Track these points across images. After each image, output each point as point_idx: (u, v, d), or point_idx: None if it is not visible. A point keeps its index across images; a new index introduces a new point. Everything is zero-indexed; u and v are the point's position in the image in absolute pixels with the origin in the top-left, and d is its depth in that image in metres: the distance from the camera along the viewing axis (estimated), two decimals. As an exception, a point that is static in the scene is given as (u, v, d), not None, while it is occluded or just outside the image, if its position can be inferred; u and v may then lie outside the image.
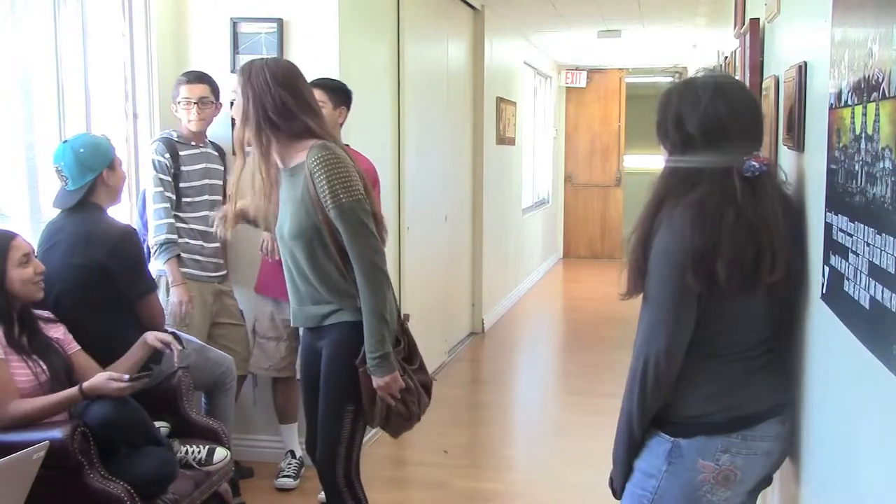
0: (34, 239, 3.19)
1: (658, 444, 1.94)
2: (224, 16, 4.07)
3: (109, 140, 3.25)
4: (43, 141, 3.45)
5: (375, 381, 2.59)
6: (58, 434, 2.52)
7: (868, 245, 1.34)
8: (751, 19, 3.04)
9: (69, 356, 2.86)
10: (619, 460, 2.03)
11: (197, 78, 3.75)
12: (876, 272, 1.29)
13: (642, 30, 8.59)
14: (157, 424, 2.96)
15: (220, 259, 3.89)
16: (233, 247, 4.09)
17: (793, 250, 1.87)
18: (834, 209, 1.60)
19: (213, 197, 3.80)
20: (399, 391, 2.63)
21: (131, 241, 3.14)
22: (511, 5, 7.28)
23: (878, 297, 1.28)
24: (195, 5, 4.12)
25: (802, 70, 1.99)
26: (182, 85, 3.72)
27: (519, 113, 8.86)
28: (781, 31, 2.53)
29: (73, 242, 3.03)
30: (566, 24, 8.23)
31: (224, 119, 3.97)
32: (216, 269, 3.84)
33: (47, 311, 2.92)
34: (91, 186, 3.07)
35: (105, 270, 3.02)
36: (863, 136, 1.37)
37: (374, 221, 2.61)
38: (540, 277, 10.36)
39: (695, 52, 9.76)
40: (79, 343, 2.91)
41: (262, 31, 4.03)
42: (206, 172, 3.79)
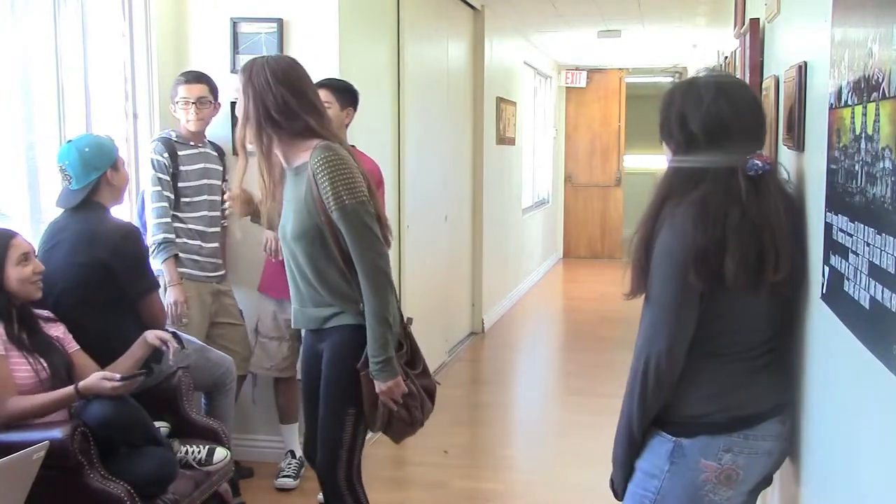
0: (34, 239, 3.19)
1: (660, 444, 1.93)
2: (224, 16, 4.07)
3: (113, 141, 3.27)
4: (43, 141, 3.46)
5: (378, 386, 2.56)
6: (58, 434, 2.51)
7: (868, 245, 1.34)
8: (751, 19, 3.04)
9: (69, 355, 2.86)
10: (619, 461, 2.02)
11: (195, 78, 3.75)
12: (876, 272, 1.29)
13: (642, 30, 8.59)
14: (157, 424, 2.96)
15: (219, 259, 3.89)
16: (233, 247, 4.09)
17: (795, 249, 1.88)
18: (834, 209, 1.60)
19: (211, 197, 3.80)
20: (401, 396, 2.60)
21: (135, 239, 3.15)
22: (511, 5, 7.28)
23: (878, 297, 1.28)
24: (195, 5, 4.12)
25: (802, 70, 1.99)
26: (180, 85, 3.73)
27: (519, 113, 8.86)
28: (781, 31, 2.53)
29: (77, 241, 3.03)
30: (566, 24, 8.23)
31: (223, 119, 3.98)
32: (214, 269, 3.84)
33: (48, 310, 2.92)
34: (95, 186, 3.09)
35: (108, 269, 3.02)
36: (863, 136, 1.37)
37: (378, 223, 2.58)
38: (540, 277, 10.36)
39: (695, 52, 9.76)
40: (80, 342, 2.91)
41: (262, 31, 4.03)
42: (205, 172, 3.79)
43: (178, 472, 2.88)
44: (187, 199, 3.72)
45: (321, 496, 3.75)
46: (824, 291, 1.68)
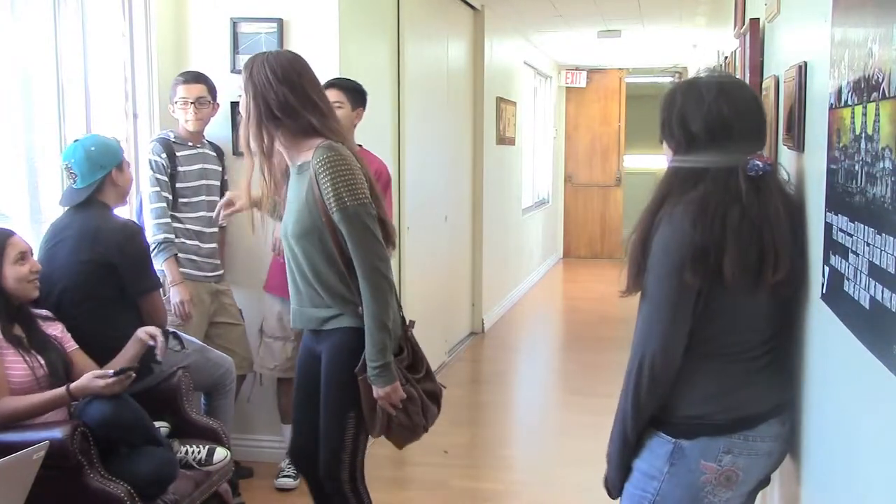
0: (34, 239, 3.19)
1: (659, 446, 1.93)
2: (224, 16, 4.07)
3: (119, 142, 3.30)
4: (43, 141, 3.46)
5: (376, 391, 2.54)
6: (58, 434, 2.51)
7: (868, 245, 1.34)
8: (751, 19, 3.04)
9: (67, 354, 2.86)
10: (612, 459, 2.02)
11: (194, 78, 3.76)
12: (876, 272, 1.29)
13: (642, 30, 8.59)
14: (157, 424, 2.96)
15: (217, 259, 3.89)
16: (236, 246, 4.10)
17: (795, 250, 1.87)
18: (834, 209, 1.60)
19: (209, 197, 3.80)
20: (400, 401, 2.58)
21: (138, 237, 3.18)
22: (511, 5, 7.28)
23: (878, 297, 1.28)
24: (195, 5, 4.12)
25: (802, 70, 1.98)
26: (179, 85, 3.73)
27: (519, 113, 8.86)
28: (781, 31, 2.53)
29: (81, 239, 3.04)
30: (566, 24, 8.23)
31: (222, 119, 3.98)
32: (212, 270, 3.85)
33: (49, 308, 2.93)
34: (99, 185, 3.10)
35: (111, 267, 3.03)
36: (863, 136, 1.37)
37: (381, 226, 2.55)
38: (540, 277, 10.36)
39: (695, 52, 9.76)
40: (80, 340, 2.92)
41: (262, 31, 4.03)
42: (204, 173, 3.79)
43: (178, 472, 2.88)
44: (185, 200, 3.72)
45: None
46: (824, 291, 1.68)
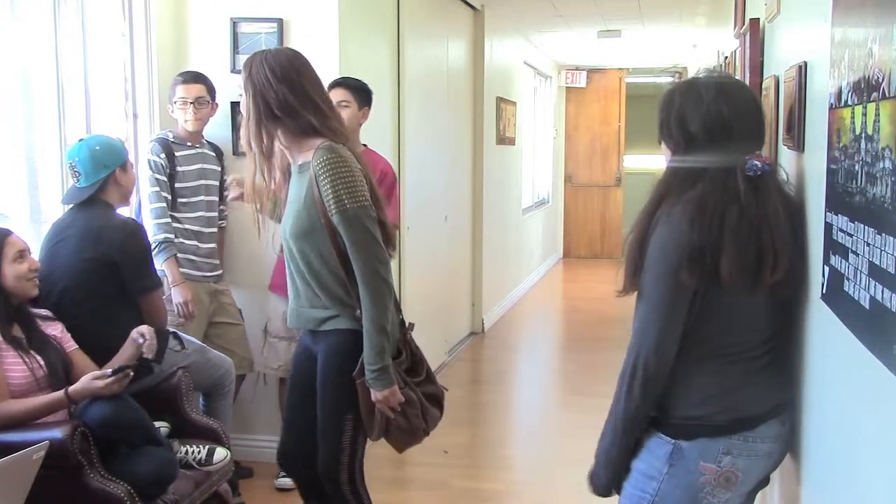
0: (34, 239, 3.19)
1: (658, 446, 1.93)
2: (224, 16, 4.08)
3: (124, 143, 3.31)
4: (43, 141, 3.46)
5: (374, 394, 2.53)
6: (58, 434, 2.52)
7: (868, 245, 1.34)
8: (751, 19, 3.04)
9: (67, 354, 2.86)
10: (599, 456, 2.02)
11: (193, 78, 3.76)
12: (876, 272, 1.29)
13: (642, 30, 8.59)
14: (157, 424, 2.96)
15: (216, 259, 3.89)
16: (236, 247, 4.09)
17: (794, 250, 1.87)
18: (834, 209, 1.60)
19: (208, 197, 3.80)
20: (399, 404, 2.57)
21: (140, 236, 3.19)
22: (511, 5, 7.28)
23: (878, 297, 1.28)
24: (195, 5, 4.12)
25: (802, 70, 1.98)
26: (178, 85, 3.73)
27: (519, 113, 8.86)
28: (781, 31, 2.53)
29: (83, 237, 3.04)
30: (566, 24, 8.23)
31: (222, 119, 3.98)
32: (211, 269, 3.85)
33: (49, 307, 2.93)
34: (103, 184, 3.11)
35: (113, 265, 3.04)
36: (863, 136, 1.37)
37: (381, 228, 2.53)
38: (540, 277, 10.36)
39: (695, 52, 9.76)
40: (81, 339, 2.92)
41: (262, 31, 4.03)
42: (203, 173, 3.79)
43: (178, 472, 2.88)
44: (184, 200, 3.72)
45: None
46: (824, 291, 1.68)
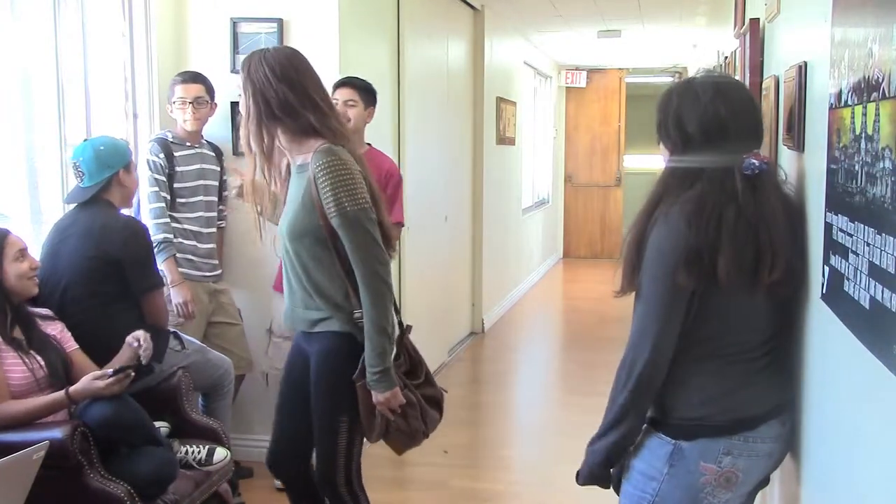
0: (34, 239, 3.20)
1: (659, 446, 1.93)
2: (224, 16, 4.08)
3: (129, 144, 3.32)
4: (43, 141, 3.46)
5: (375, 397, 2.52)
6: (58, 434, 2.52)
7: (868, 245, 1.34)
8: (751, 19, 3.04)
9: (67, 354, 2.86)
10: (588, 452, 2.04)
11: (192, 78, 3.76)
12: (876, 272, 1.29)
13: (642, 30, 8.59)
14: (157, 424, 2.97)
15: (215, 259, 3.89)
16: (237, 247, 4.09)
17: (793, 250, 1.87)
18: (834, 209, 1.60)
19: (207, 198, 3.80)
20: (399, 406, 2.56)
21: (143, 235, 3.20)
22: (511, 5, 7.28)
23: (878, 297, 1.28)
24: (195, 5, 4.12)
25: (802, 70, 1.98)
26: (177, 85, 3.73)
27: (519, 113, 8.86)
28: (781, 31, 2.53)
29: (86, 236, 3.05)
30: (566, 24, 8.23)
31: (221, 119, 3.98)
32: (210, 269, 3.85)
33: (52, 306, 2.94)
34: (106, 184, 3.12)
35: (116, 264, 3.05)
36: (863, 136, 1.37)
37: (381, 230, 2.52)
38: (540, 277, 10.36)
39: (695, 52, 9.76)
40: (82, 339, 2.92)
41: (262, 31, 4.03)
42: (202, 173, 3.79)
43: (178, 472, 2.88)
44: (183, 200, 3.72)
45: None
46: (824, 291, 1.68)
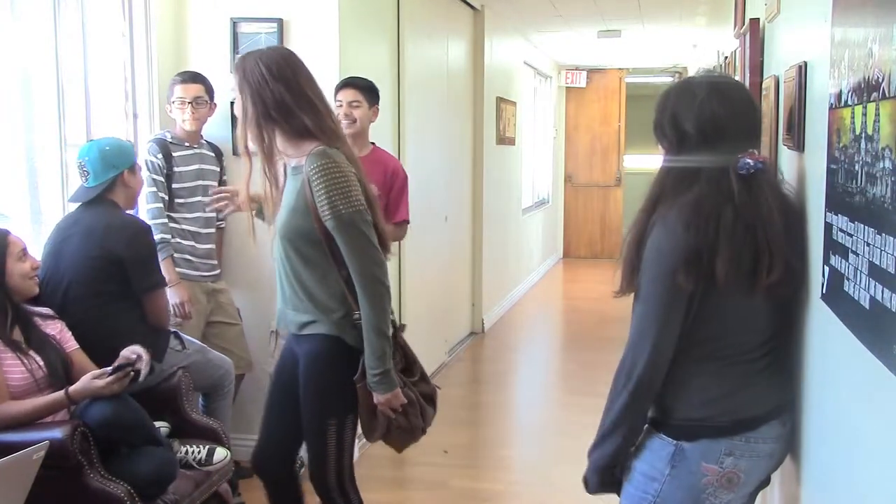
0: (34, 240, 3.20)
1: (660, 447, 1.93)
2: (224, 16, 4.08)
3: (134, 146, 3.31)
4: (43, 141, 3.46)
5: (376, 398, 2.52)
6: (58, 434, 2.52)
7: (868, 245, 1.34)
8: (751, 19, 3.04)
9: (67, 354, 2.86)
10: (589, 454, 2.05)
11: (191, 78, 3.76)
12: (876, 272, 1.29)
13: (642, 30, 8.59)
14: (157, 424, 2.96)
15: (214, 259, 3.90)
16: (237, 247, 4.09)
17: (791, 250, 1.87)
18: (834, 209, 1.60)
19: (206, 198, 3.79)
20: (400, 405, 2.58)
21: (147, 235, 3.20)
22: (511, 5, 7.28)
23: (878, 297, 1.28)
24: (195, 5, 4.12)
25: (802, 70, 1.98)
26: (177, 85, 3.73)
27: (519, 113, 8.86)
28: (781, 31, 2.53)
29: (89, 235, 3.05)
30: (566, 24, 8.23)
31: (221, 119, 3.98)
32: (209, 269, 3.85)
33: (54, 305, 2.94)
34: (110, 185, 3.13)
35: (119, 263, 3.05)
36: (863, 136, 1.37)
37: (377, 232, 2.51)
38: (540, 277, 10.36)
39: (695, 52, 9.76)
40: (83, 338, 2.92)
41: (262, 31, 4.04)
42: (200, 173, 3.79)
43: (178, 472, 2.88)
44: (181, 200, 3.72)
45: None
46: (824, 291, 1.68)
